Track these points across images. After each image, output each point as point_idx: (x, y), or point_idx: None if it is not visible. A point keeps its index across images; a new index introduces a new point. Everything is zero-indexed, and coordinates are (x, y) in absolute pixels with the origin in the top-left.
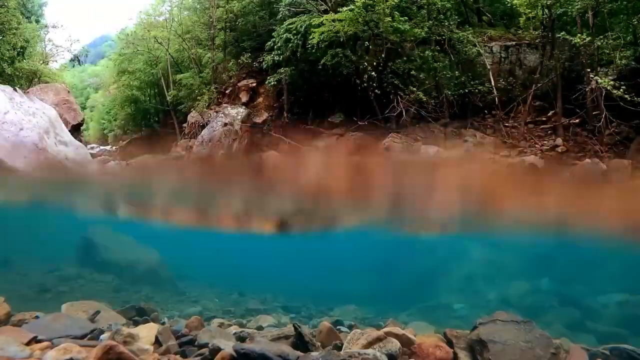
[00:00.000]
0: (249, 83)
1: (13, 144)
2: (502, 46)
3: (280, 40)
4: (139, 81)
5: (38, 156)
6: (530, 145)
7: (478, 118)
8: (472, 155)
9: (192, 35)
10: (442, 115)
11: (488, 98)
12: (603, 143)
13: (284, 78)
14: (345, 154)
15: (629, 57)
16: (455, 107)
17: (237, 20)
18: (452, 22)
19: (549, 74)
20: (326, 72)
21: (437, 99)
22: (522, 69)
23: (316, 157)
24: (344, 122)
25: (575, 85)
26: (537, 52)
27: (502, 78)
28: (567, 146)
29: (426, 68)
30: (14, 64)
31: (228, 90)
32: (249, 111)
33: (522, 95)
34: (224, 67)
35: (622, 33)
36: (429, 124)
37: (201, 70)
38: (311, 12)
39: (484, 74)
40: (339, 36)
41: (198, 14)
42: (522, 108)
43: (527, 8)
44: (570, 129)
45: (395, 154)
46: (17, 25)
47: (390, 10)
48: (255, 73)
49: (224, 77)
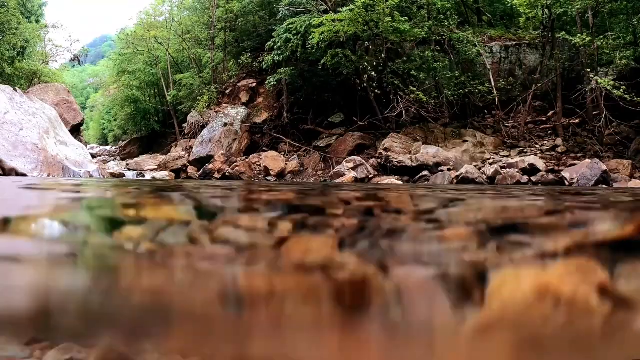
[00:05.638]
0: (249, 83)
1: (13, 144)
2: (502, 46)
3: (280, 41)
4: (139, 81)
5: (38, 156)
6: (530, 145)
7: (478, 118)
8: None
9: (192, 35)
10: (442, 115)
11: (488, 98)
12: (603, 143)
13: (283, 78)
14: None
15: (629, 57)
16: (455, 107)
17: (237, 20)
18: (452, 22)
19: (549, 74)
20: (326, 72)
21: (437, 99)
22: (522, 69)
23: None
24: (344, 122)
25: (575, 85)
26: (537, 52)
27: (502, 78)
28: (567, 146)
29: (426, 68)
30: (14, 64)
31: (228, 90)
32: (249, 111)
33: (522, 95)
34: (224, 67)
35: (622, 33)
36: (429, 124)
37: (201, 70)
38: (311, 12)
39: (484, 74)
40: (339, 36)
41: (198, 14)
42: (522, 108)
43: (527, 8)
44: (570, 129)
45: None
46: (17, 25)
47: (390, 10)
48: (255, 73)
49: (224, 77)
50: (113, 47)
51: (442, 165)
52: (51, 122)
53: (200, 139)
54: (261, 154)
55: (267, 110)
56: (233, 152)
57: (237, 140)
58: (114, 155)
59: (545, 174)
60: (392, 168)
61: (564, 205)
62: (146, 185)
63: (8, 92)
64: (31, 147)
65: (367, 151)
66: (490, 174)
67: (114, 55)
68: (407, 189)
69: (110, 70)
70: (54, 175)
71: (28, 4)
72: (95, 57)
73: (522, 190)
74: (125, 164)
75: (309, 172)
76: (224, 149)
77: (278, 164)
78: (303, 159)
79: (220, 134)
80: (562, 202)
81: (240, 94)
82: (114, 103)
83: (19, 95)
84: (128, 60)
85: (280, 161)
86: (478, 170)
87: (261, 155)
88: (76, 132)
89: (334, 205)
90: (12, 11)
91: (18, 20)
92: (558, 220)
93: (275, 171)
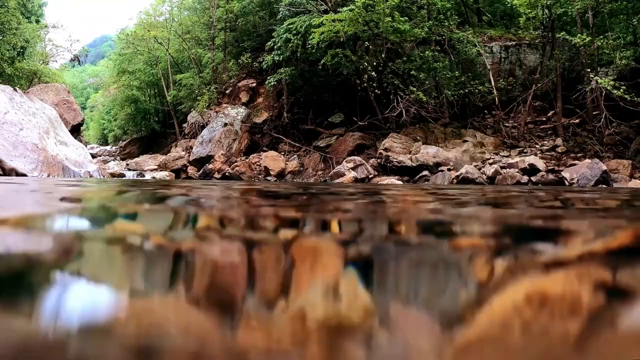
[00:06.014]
0: (249, 83)
1: (13, 144)
2: (502, 46)
3: (280, 41)
4: (139, 81)
5: (38, 156)
6: (530, 145)
7: (478, 118)
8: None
9: (192, 35)
10: (442, 115)
11: (488, 98)
12: (603, 143)
13: (283, 78)
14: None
15: (629, 57)
16: (455, 107)
17: (237, 20)
18: (452, 22)
19: (549, 74)
20: (326, 72)
21: (437, 99)
22: (522, 69)
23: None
24: (344, 122)
25: (575, 85)
26: (537, 52)
27: (502, 78)
28: (567, 146)
29: (426, 68)
30: (14, 64)
31: (228, 90)
32: (249, 111)
33: (522, 95)
34: (224, 67)
35: (622, 33)
36: (429, 124)
37: (201, 70)
38: (311, 12)
39: (484, 74)
40: (339, 36)
41: (198, 14)
42: (522, 108)
43: (527, 8)
44: (570, 129)
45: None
46: (17, 25)
47: (390, 10)
48: (255, 73)
49: (224, 77)
50: (113, 47)
51: (442, 165)
52: (51, 122)
53: (200, 139)
54: (261, 154)
55: (267, 110)
56: (233, 152)
57: (237, 140)
58: (114, 155)
59: (545, 174)
60: (392, 168)
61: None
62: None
63: (8, 92)
64: (31, 147)
65: (367, 151)
66: (490, 174)
67: (114, 55)
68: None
69: (110, 70)
70: (54, 175)
71: (28, 4)
72: (95, 57)
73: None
74: (125, 164)
75: (309, 172)
76: (224, 149)
77: (278, 164)
78: (303, 159)
79: (220, 134)
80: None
81: (240, 94)
82: (114, 103)
83: (19, 95)
84: (128, 60)
85: (280, 161)
86: (478, 170)
87: (261, 155)
88: (76, 132)
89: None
90: (12, 11)
91: (18, 20)
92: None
93: (275, 171)
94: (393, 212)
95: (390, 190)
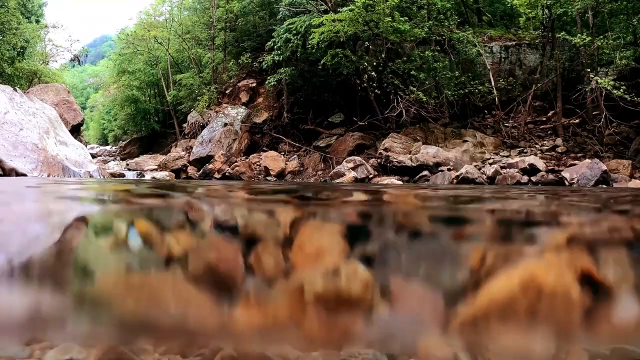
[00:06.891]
0: (249, 83)
1: (13, 144)
2: (502, 46)
3: (280, 41)
4: (139, 81)
5: (38, 156)
6: (530, 145)
7: (478, 118)
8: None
9: (192, 35)
10: (442, 115)
11: (488, 98)
12: (603, 143)
13: (283, 78)
14: None
15: (629, 57)
16: (455, 107)
17: (237, 20)
18: (452, 22)
19: (549, 74)
20: (326, 72)
21: (437, 99)
22: (522, 69)
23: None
24: (344, 122)
25: (575, 85)
26: (537, 52)
27: (502, 78)
28: (567, 146)
29: (426, 68)
30: (14, 64)
31: (228, 90)
32: (249, 111)
33: (522, 95)
34: (224, 67)
35: (622, 33)
36: (429, 124)
37: (201, 70)
38: (311, 12)
39: (484, 74)
40: (339, 36)
41: (198, 14)
42: (522, 108)
43: (527, 8)
44: (570, 129)
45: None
46: (17, 25)
47: (390, 10)
48: (255, 73)
49: (224, 77)
50: (113, 47)
51: (442, 165)
52: (51, 122)
53: (200, 139)
54: (261, 154)
55: (267, 110)
56: (233, 152)
57: (237, 140)
58: (114, 155)
59: (545, 174)
60: (392, 168)
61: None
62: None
63: (8, 92)
64: (31, 147)
65: (367, 151)
66: (490, 174)
67: (114, 55)
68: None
69: (110, 70)
70: (54, 175)
71: (28, 4)
72: (95, 57)
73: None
74: (125, 164)
75: (309, 172)
76: (224, 149)
77: (278, 164)
78: (303, 159)
79: (220, 134)
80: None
81: (240, 94)
82: (114, 103)
83: (19, 95)
84: (128, 60)
85: (280, 161)
86: (478, 170)
87: (261, 155)
88: (76, 132)
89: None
90: (12, 11)
91: (18, 20)
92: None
93: (275, 171)
94: (391, 209)
95: (389, 190)
